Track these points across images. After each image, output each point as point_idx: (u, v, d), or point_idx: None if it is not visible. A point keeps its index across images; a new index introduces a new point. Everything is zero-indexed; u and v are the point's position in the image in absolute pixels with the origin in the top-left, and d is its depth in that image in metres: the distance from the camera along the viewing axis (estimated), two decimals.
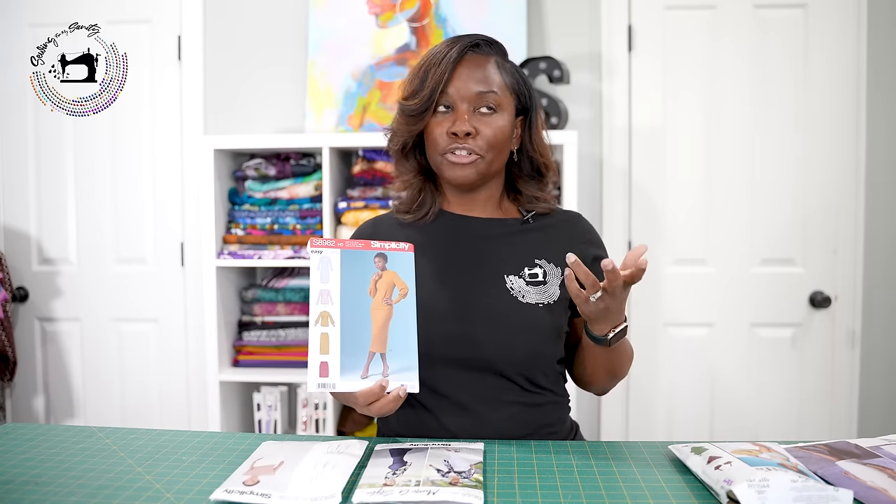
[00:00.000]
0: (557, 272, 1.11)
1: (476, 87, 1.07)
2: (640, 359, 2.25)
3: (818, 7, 2.16)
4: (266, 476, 0.84)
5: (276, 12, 2.31)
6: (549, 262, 1.11)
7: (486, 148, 1.07)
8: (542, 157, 1.15)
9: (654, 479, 0.86)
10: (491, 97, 1.07)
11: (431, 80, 1.06)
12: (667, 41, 2.21)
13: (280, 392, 2.18)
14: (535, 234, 1.14)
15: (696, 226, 2.23)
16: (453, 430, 1.06)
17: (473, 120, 1.06)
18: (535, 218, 1.16)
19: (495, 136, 1.07)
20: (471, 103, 1.07)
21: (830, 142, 2.18)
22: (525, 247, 1.12)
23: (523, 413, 1.08)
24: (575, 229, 1.17)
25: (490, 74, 1.08)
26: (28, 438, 1.03)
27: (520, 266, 1.10)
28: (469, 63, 1.08)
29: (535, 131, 1.14)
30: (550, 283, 1.10)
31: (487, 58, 1.10)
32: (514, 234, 1.14)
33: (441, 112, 1.08)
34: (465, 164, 1.07)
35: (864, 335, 2.20)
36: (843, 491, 0.71)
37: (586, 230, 1.18)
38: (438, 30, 2.20)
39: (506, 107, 1.09)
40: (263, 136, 2.12)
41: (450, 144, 1.06)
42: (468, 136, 1.06)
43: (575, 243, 1.13)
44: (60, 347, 2.45)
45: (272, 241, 2.11)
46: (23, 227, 2.43)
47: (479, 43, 1.10)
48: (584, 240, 1.16)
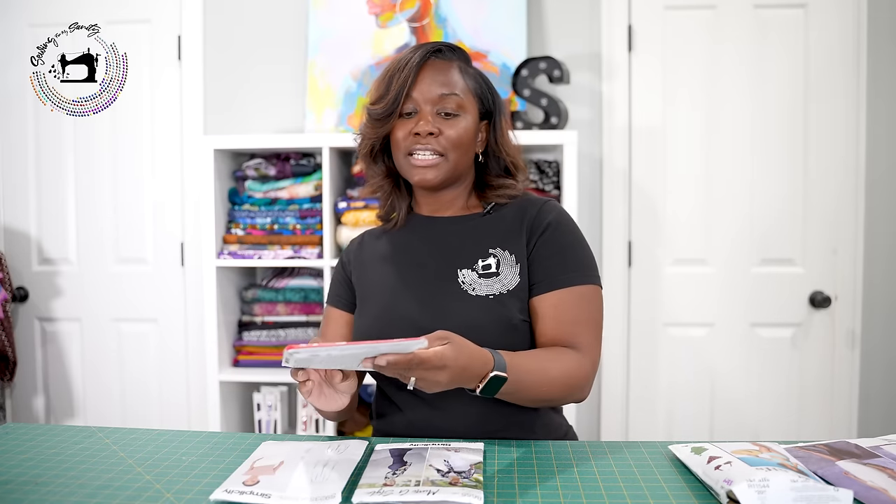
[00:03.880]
0: (512, 259, 1.09)
1: (439, 90, 1.09)
2: (640, 359, 2.27)
3: (818, 7, 2.16)
4: (266, 476, 0.85)
5: (276, 12, 2.31)
6: (504, 249, 1.10)
7: (449, 147, 1.09)
8: (509, 156, 1.18)
9: (654, 479, 0.86)
10: (453, 100, 1.10)
11: (396, 85, 1.09)
12: (667, 41, 2.21)
13: (280, 392, 2.18)
14: (491, 223, 1.14)
15: (696, 226, 2.23)
16: (421, 427, 1.07)
17: (437, 122, 1.09)
18: (494, 209, 1.16)
19: (459, 137, 1.09)
20: (434, 105, 1.10)
21: (830, 142, 2.18)
22: (480, 238, 1.12)
23: (488, 407, 1.04)
24: (528, 209, 1.13)
25: (452, 78, 1.11)
26: (28, 438, 1.03)
27: (473, 258, 1.10)
28: (432, 68, 1.11)
29: (501, 133, 1.17)
30: (504, 272, 1.08)
31: (450, 62, 1.13)
32: (474, 227, 1.15)
33: (405, 116, 1.11)
34: (428, 165, 1.09)
35: (864, 335, 2.20)
36: (843, 491, 0.71)
37: (537, 207, 1.13)
38: (438, 30, 2.20)
39: (469, 109, 1.12)
40: (263, 136, 2.12)
41: (413, 145, 1.09)
42: (431, 136, 1.08)
43: (527, 222, 1.11)
44: (60, 347, 2.45)
45: (272, 241, 2.11)
46: (23, 227, 2.43)
47: (442, 48, 1.13)
48: (532, 216, 1.12)
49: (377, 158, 1.18)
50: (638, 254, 2.25)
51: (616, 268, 2.24)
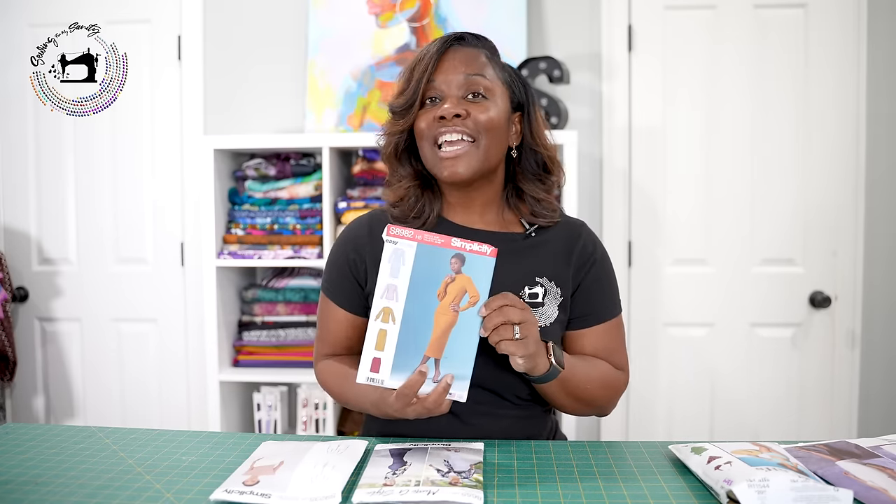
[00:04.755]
0: (557, 292, 1.06)
1: (464, 71, 1.02)
2: (640, 359, 2.26)
3: (818, 7, 2.16)
4: (266, 476, 0.84)
5: (276, 12, 2.31)
6: (551, 280, 1.07)
7: (478, 130, 1.01)
8: (546, 150, 1.10)
9: (654, 479, 0.86)
10: (480, 81, 1.02)
11: (417, 74, 1.03)
12: (667, 41, 2.21)
13: (280, 392, 2.18)
14: (536, 250, 1.09)
15: (696, 226, 2.23)
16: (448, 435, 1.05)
17: (464, 105, 1.02)
18: (537, 231, 1.10)
19: (489, 120, 1.01)
20: (460, 88, 1.02)
21: (830, 142, 2.17)
22: (526, 265, 1.07)
23: (515, 426, 1.07)
24: (579, 241, 1.11)
25: (479, 61, 1.04)
26: (28, 438, 1.03)
27: (520, 285, 1.05)
28: (455, 53, 1.04)
29: (536, 125, 1.09)
30: (548, 304, 1.06)
31: (474, 48, 1.06)
32: (516, 251, 1.08)
33: (429, 105, 1.04)
34: (457, 156, 1.00)
35: (864, 335, 2.20)
36: (843, 491, 0.71)
37: (588, 241, 1.12)
38: (438, 30, 2.20)
39: (498, 95, 1.04)
40: (263, 136, 2.12)
41: (439, 130, 1.01)
42: (458, 118, 1.00)
43: (575, 256, 1.09)
44: (60, 347, 2.45)
45: (272, 241, 2.10)
46: (23, 227, 2.43)
47: (465, 36, 1.07)
48: (582, 250, 1.10)
49: (402, 159, 1.10)
50: (638, 254, 2.25)
51: (616, 268, 2.22)
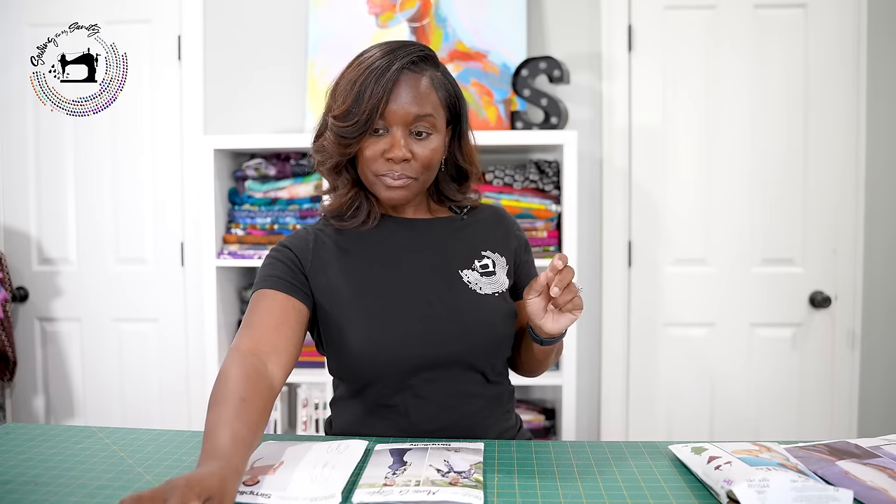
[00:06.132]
0: (503, 262, 1.16)
1: (414, 111, 1.03)
2: (640, 359, 2.27)
3: (818, 7, 2.16)
4: (266, 476, 0.84)
5: (276, 12, 2.31)
6: (495, 252, 1.17)
7: (420, 170, 1.07)
8: (469, 164, 1.17)
9: (654, 479, 0.86)
10: (427, 121, 1.05)
11: (368, 103, 1.01)
12: (667, 41, 2.21)
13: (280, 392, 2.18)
14: (474, 228, 1.19)
15: (696, 226, 2.23)
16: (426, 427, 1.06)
17: (409, 143, 1.05)
18: (469, 213, 1.20)
19: (430, 159, 1.07)
20: (407, 125, 1.04)
21: (830, 142, 2.18)
22: (470, 240, 1.16)
23: (488, 405, 1.11)
24: (505, 220, 1.23)
25: (427, 96, 1.05)
26: (28, 438, 1.03)
27: (469, 260, 1.14)
28: (406, 84, 1.04)
29: (465, 140, 1.16)
30: (499, 273, 1.15)
31: (422, 74, 1.05)
32: (457, 230, 1.17)
33: (375, 133, 1.05)
34: (399, 186, 1.07)
35: (864, 335, 2.20)
36: (843, 491, 0.71)
37: (513, 221, 1.25)
38: (438, 30, 2.20)
39: (440, 127, 1.08)
40: (263, 136, 2.12)
41: (384, 168, 1.05)
42: (404, 162, 1.05)
43: (510, 233, 1.21)
44: (60, 347, 2.45)
45: (272, 241, 2.10)
46: (23, 227, 2.43)
47: (416, 59, 1.06)
48: (516, 229, 1.23)
49: (341, 171, 1.12)
50: (638, 254, 2.25)
51: (616, 268, 2.24)
